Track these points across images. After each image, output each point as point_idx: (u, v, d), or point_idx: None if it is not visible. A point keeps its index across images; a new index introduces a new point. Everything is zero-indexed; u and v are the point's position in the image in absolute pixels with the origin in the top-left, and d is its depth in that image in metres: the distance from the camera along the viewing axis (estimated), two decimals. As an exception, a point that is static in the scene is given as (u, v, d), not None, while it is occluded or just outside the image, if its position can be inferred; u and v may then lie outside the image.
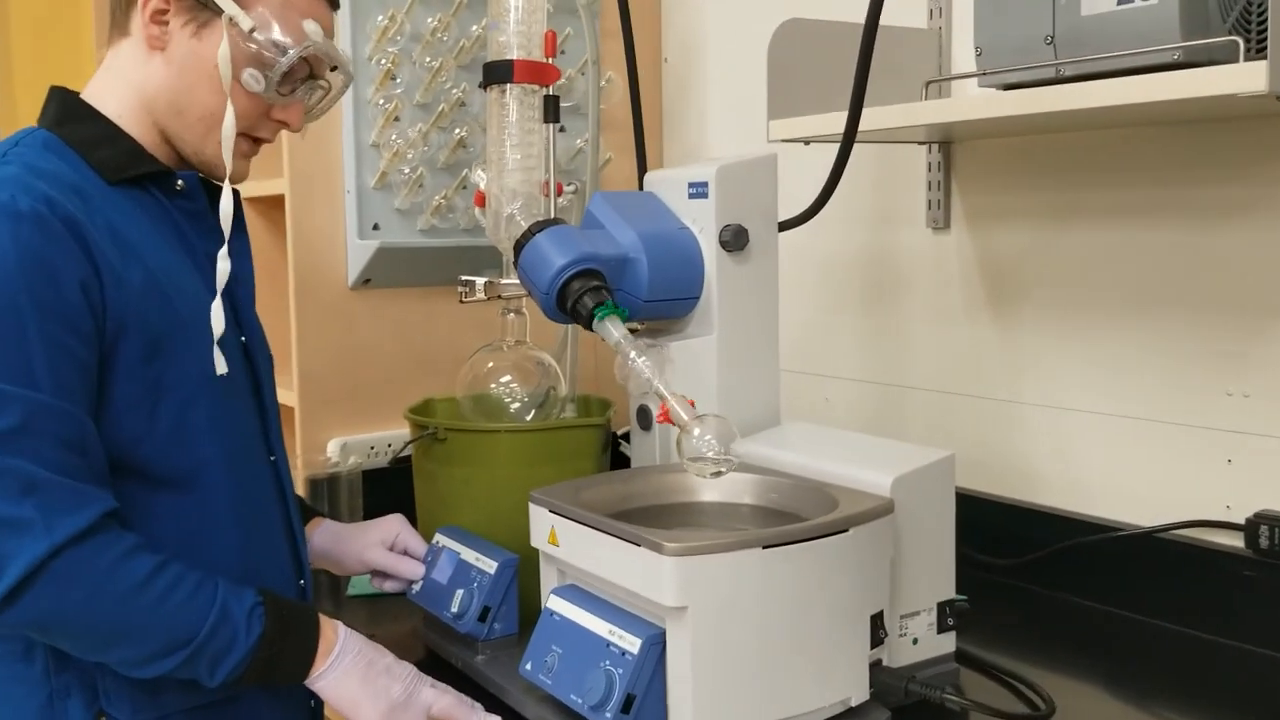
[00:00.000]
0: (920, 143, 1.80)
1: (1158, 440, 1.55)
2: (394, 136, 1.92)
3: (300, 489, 1.87)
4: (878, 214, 1.92)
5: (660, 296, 1.42)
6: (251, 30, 1.18)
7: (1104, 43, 1.23)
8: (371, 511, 1.86)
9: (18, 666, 1.17)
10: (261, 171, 2.09)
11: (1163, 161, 1.53)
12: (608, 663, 1.13)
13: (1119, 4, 1.21)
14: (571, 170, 2.11)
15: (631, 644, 1.12)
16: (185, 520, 1.20)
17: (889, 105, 1.46)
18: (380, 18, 1.89)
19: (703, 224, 1.45)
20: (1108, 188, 1.59)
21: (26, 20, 2.99)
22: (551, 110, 1.46)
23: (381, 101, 1.91)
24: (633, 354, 1.22)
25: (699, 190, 1.44)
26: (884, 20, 1.66)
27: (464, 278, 1.49)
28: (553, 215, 1.44)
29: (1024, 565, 1.66)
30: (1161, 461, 1.55)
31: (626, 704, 1.10)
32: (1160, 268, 1.54)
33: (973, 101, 1.40)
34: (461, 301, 1.49)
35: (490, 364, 1.56)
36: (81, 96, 1.25)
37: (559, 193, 1.49)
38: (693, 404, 1.17)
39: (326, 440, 1.98)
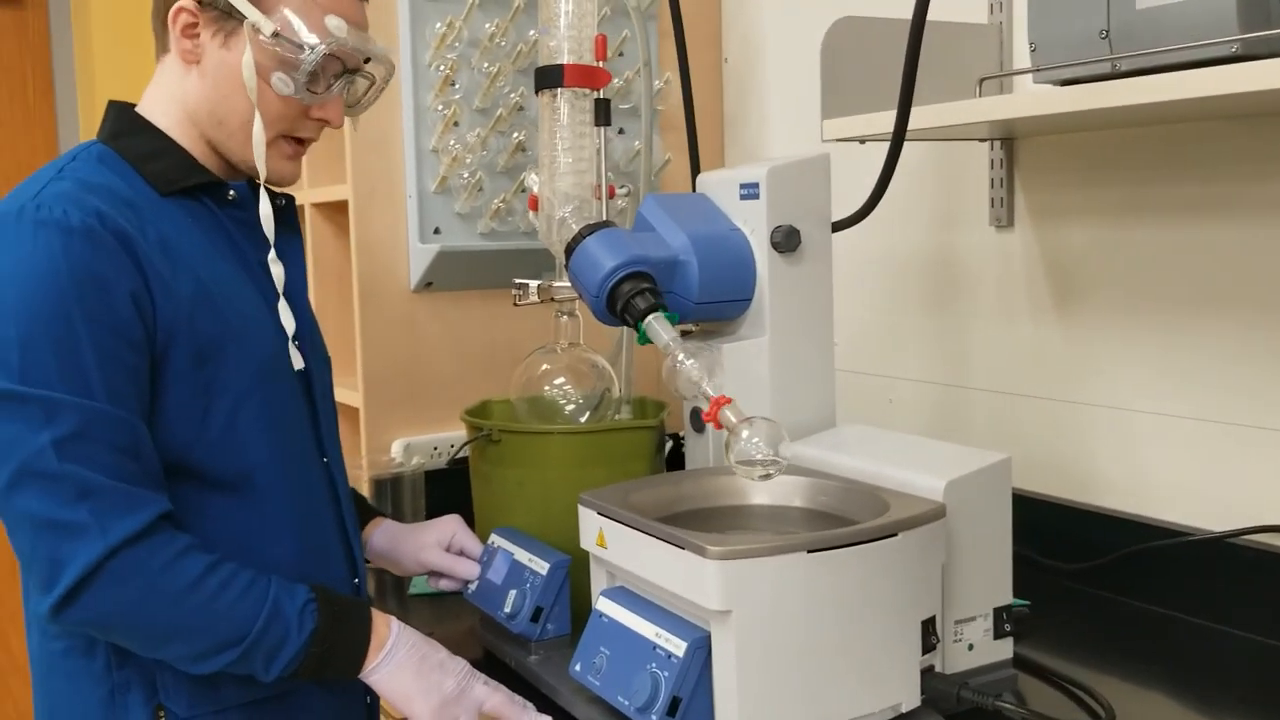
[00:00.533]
0: (982, 140, 1.77)
1: (1229, 443, 1.51)
2: (453, 142, 1.94)
3: (365, 489, 1.90)
4: (941, 212, 1.89)
5: (711, 299, 1.41)
6: (274, 34, 1.20)
7: (1160, 36, 1.20)
8: (433, 511, 1.87)
9: (81, 661, 1.21)
10: (326, 177, 2.14)
11: (1230, 156, 1.48)
12: (654, 665, 1.13)
13: (1176, -4, 1.18)
14: (631, 172, 2.12)
15: (677, 647, 1.12)
16: (239, 521, 1.23)
17: (945, 102, 1.44)
18: (438, 24, 1.91)
19: (754, 225, 1.44)
20: (1174, 183, 1.55)
21: (108, 33, 3.08)
22: (602, 113, 1.46)
23: (440, 107, 1.93)
24: (681, 356, 1.22)
25: (750, 191, 1.44)
26: (944, 16, 1.64)
27: (518, 280, 1.50)
28: (604, 218, 1.44)
29: (1091, 570, 1.63)
30: (1233, 465, 1.51)
31: (672, 707, 1.10)
32: (1230, 265, 1.50)
33: (1022, 98, 1.37)
34: (516, 304, 1.50)
35: (544, 366, 1.56)
36: (137, 109, 1.28)
37: (611, 195, 1.50)
38: (732, 403, 1.17)
39: (390, 441, 2.01)
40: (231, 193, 1.28)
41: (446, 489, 1.92)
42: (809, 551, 1.09)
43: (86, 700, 1.21)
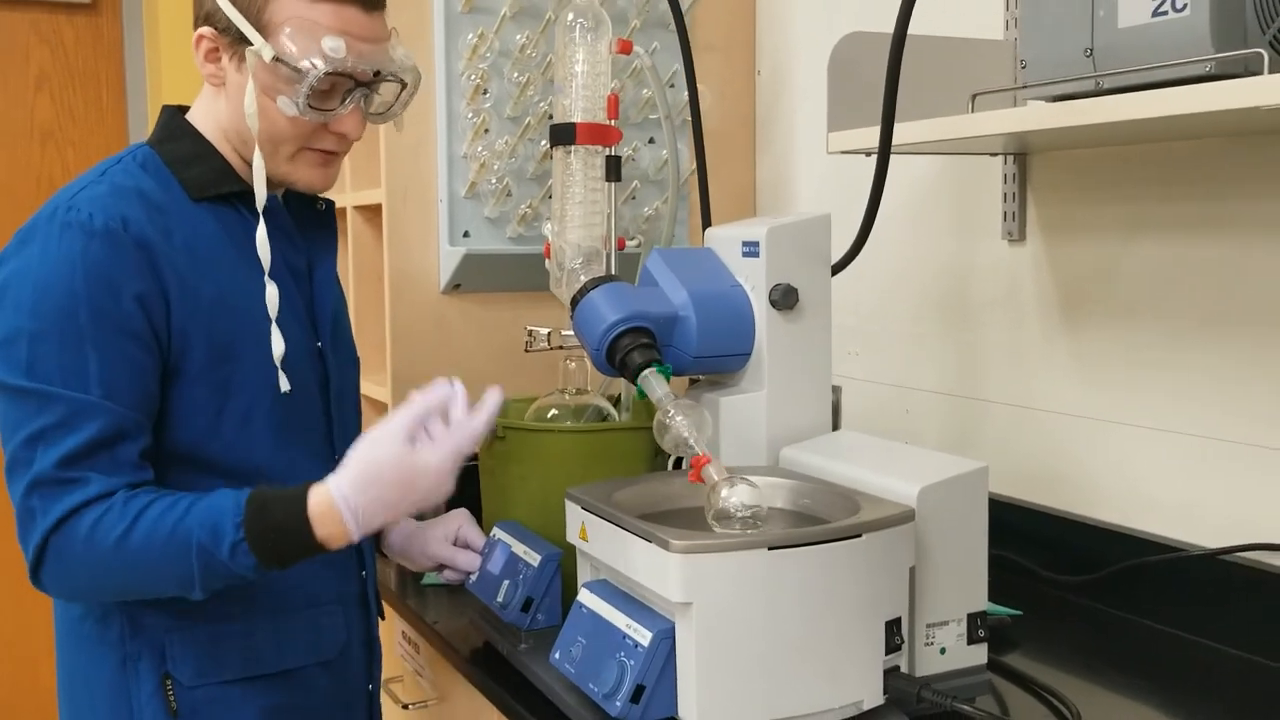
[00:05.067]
0: (994, 154, 1.79)
1: (1229, 460, 1.51)
2: (482, 148, 2.01)
3: (390, 483, 1.96)
4: (955, 225, 1.91)
5: (709, 353, 1.45)
6: (274, 58, 1.23)
7: (1140, 55, 1.22)
8: (451, 505, 1.93)
9: (96, 628, 1.29)
10: (362, 181, 2.22)
11: (1227, 175, 1.49)
12: (622, 654, 1.17)
13: (1153, 16, 1.20)
14: (660, 181, 2.16)
15: (643, 636, 1.16)
16: None
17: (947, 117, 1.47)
18: (471, 36, 1.98)
19: (754, 282, 1.47)
20: (1172, 201, 1.56)
21: (174, 38, 3.21)
22: (613, 170, 1.53)
23: (471, 115, 2.00)
24: (672, 412, 1.27)
25: (751, 250, 1.47)
26: (959, 32, 1.67)
27: (529, 328, 1.58)
28: (611, 271, 1.49)
29: (1087, 583, 1.64)
30: (1230, 483, 1.51)
31: (636, 694, 1.14)
32: (1228, 284, 1.50)
33: (1004, 114, 1.40)
34: (526, 351, 1.57)
35: (552, 413, 1.64)
36: (187, 115, 1.35)
37: (621, 247, 1.55)
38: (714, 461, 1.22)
39: (417, 437, 2.06)
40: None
41: (464, 483, 1.97)
42: (770, 549, 1.13)
43: (100, 667, 1.29)
